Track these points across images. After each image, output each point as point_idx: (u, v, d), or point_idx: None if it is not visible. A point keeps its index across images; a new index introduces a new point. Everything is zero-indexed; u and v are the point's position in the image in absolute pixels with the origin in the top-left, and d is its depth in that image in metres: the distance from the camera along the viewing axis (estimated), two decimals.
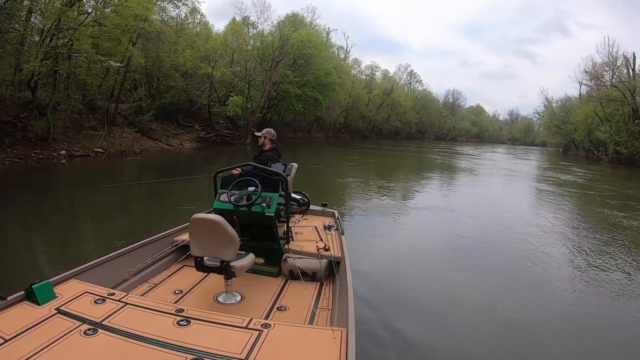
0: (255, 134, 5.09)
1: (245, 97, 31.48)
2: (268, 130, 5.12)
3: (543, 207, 13.28)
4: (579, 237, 9.34)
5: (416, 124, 79.38)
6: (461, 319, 4.82)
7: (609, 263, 7.23)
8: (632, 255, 7.83)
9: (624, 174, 27.10)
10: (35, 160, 16.05)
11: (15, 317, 2.45)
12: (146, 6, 19.90)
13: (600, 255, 7.70)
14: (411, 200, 13.00)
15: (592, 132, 42.15)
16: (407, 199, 13.15)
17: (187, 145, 26.92)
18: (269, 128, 5.20)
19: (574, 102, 52.19)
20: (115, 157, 19.74)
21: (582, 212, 13.26)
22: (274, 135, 5.11)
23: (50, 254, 6.46)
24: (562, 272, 6.75)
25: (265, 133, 5.05)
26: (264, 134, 5.04)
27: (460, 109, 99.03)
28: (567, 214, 12.81)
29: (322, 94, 39.58)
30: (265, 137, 5.02)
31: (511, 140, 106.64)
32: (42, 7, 16.25)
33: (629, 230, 10.17)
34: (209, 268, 3.35)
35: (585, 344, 4.54)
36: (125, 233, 7.37)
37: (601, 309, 5.40)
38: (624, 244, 8.64)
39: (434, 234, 8.94)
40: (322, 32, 47.74)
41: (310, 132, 46.12)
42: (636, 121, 34.23)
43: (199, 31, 32.75)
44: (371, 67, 68.19)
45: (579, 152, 49.55)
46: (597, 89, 42.24)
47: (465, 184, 19.10)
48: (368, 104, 61.68)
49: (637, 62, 38.74)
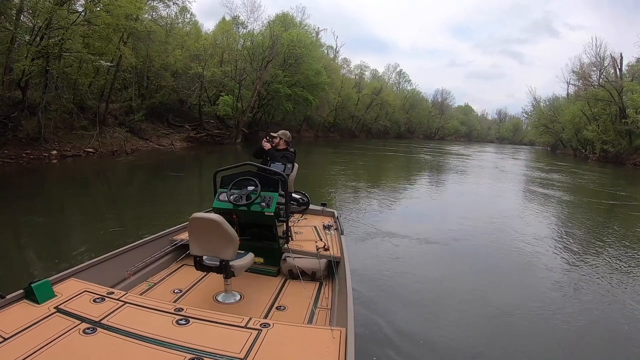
0: (271, 134, 5.01)
1: (236, 96, 31.37)
2: (285, 132, 5.07)
3: (535, 205, 13.45)
4: (569, 223, 9.72)
5: (405, 124, 79.78)
6: (456, 313, 4.90)
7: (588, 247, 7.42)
8: (612, 246, 8.17)
9: (611, 172, 27.48)
10: (26, 161, 15.88)
11: (14, 316, 2.44)
12: (138, 5, 19.74)
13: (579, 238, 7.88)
14: (406, 204, 12.81)
15: (580, 131, 42.70)
16: (401, 203, 12.92)
17: (178, 145, 26.77)
18: (285, 130, 5.15)
19: (561, 102, 52.92)
20: (107, 157, 19.57)
21: (573, 204, 13.52)
22: (289, 137, 5.08)
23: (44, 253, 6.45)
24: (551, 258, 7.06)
25: (281, 134, 5.00)
26: (280, 135, 4.99)
27: (449, 108, 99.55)
28: (559, 209, 13.07)
29: (312, 93, 39.51)
30: (281, 139, 4.97)
31: (499, 140, 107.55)
32: (32, 5, 15.99)
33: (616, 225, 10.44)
34: (208, 267, 3.35)
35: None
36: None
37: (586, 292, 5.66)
38: (610, 237, 8.84)
39: (430, 233, 8.92)
40: (312, 32, 47.73)
41: (299, 132, 45.97)
42: (623, 120, 34.71)
43: (189, 30, 32.55)
44: (360, 66, 68.42)
45: (567, 151, 50.18)
46: (584, 89, 42.74)
47: (460, 183, 19.25)
48: (357, 104, 61.83)
49: (624, 62, 39.43)
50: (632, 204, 14.63)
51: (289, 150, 4.98)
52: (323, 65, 43.17)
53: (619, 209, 13.53)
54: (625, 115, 33.92)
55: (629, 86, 33.10)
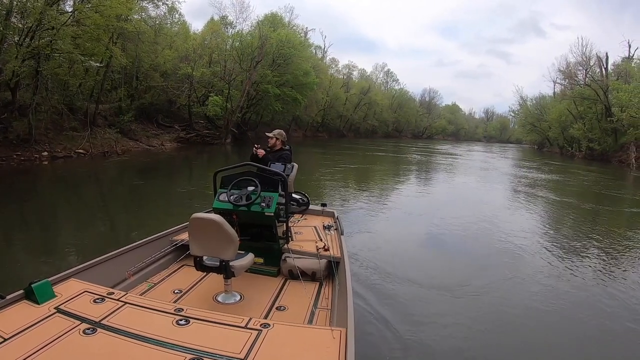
0: (266, 134, 4.99)
1: (225, 97, 31.28)
2: (280, 131, 5.04)
3: (523, 202, 13.62)
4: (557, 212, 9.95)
5: (393, 123, 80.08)
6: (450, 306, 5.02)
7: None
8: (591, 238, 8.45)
9: (597, 169, 27.85)
10: (17, 162, 15.72)
11: (14, 316, 2.44)
12: (129, 6, 19.64)
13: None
14: (402, 204, 12.61)
15: (566, 130, 43.33)
16: (399, 202, 12.79)
17: (168, 145, 26.64)
18: (280, 130, 5.11)
19: (548, 101, 53.47)
20: (98, 158, 19.40)
21: (561, 201, 13.70)
22: (285, 136, 5.05)
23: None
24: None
25: (277, 134, 4.97)
26: (276, 135, 4.95)
27: (437, 107, 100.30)
28: (548, 202, 13.46)
29: (301, 93, 39.52)
30: (277, 139, 4.94)
31: (487, 138, 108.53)
32: (22, 5, 15.78)
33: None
34: (208, 268, 3.36)
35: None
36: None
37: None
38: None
39: (429, 232, 9.02)
40: (300, 32, 47.72)
41: (288, 132, 45.74)
42: (608, 119, 35.15)
43: (177, 31, 32.35)
44: (348, 66, 68.48)
45: (554, 149, 50.77)
46: (570, 88, 43.38)
47: (453, 181, 19.54)
48: (345, 103, 62.00)
49: (610, 62, 39.98)
50: (619, 198, 14.96)
51: (284, 150, 4.96)
52: (311, 65, 43.19)
53: (606, 203, 13.84)
54: (610, 114, 34.38)
55: (614, 85, 33.55)
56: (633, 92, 28.57)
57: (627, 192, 18.37)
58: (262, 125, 38.06)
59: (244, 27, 37.10)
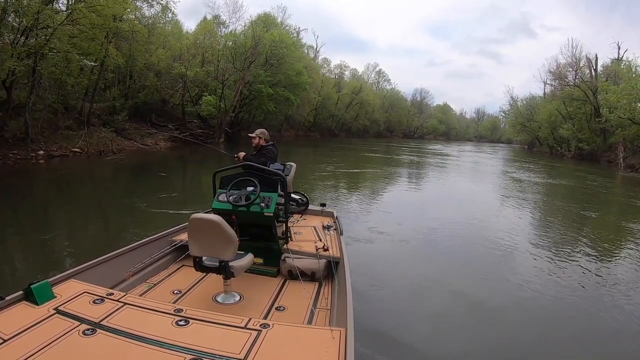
0: (249, 135, 5.01)
1: (219, 96, 31.15)
2: (262, 130, 5.05)
3: (514, 200, 13.75)
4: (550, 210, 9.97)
5: (384, 123, 79.91)
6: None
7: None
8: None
9: (586, 169, 28.17)
10: (13, 161, 15.61)
11: (13, 317, 2.43)
12: (125, 6, 19.58)
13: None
14: (400, 204, 12.77)
15: (556, 130, 43.62)
16: (396, 203, 12.92)
17: (163, 144, 26.54)
18: (262, 129, 5.12)
19: (538, 101, 53.82)
20: (94, 157, 19.31)
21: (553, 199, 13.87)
22: (267, 135, 5.06)
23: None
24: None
25: (259, 134, 4.98)
26: (259, 135, 4.97)
27: (428, 107, 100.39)
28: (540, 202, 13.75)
29: (294, 93, 39.44)
30: (260, 138, 4.95)
31: (478, 138, 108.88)
32: (17, 4, 15.58)
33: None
34: (207, 268, 3.35)
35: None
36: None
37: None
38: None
39: (428, 232, 9.03)
40: (293, 32, 47.61)
41: (280, 131, 45.76)
42: (597, 119, 35.40)
43: (170, 30, 32.12)
44: (340, 66, 68.26)
45: (543, 149, 51.14)
46: (560, 89, 43.66)
47: (446, 180, 19.72)
48: (337, 103, 61.81)
49: (599, 63, 40.42)
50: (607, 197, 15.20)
51: (266, 146, 4.94)
52: (304, 65, 43.02)
53: (594, 201, 14.07)
54: (599, 114, 34.63)
55: (603, 86, 33.78)
56: (621, 94, 28.83)
57: (616, 190, 18.74)
58: (254, 125, 37.60)
59: (237, 27, 36.99)
